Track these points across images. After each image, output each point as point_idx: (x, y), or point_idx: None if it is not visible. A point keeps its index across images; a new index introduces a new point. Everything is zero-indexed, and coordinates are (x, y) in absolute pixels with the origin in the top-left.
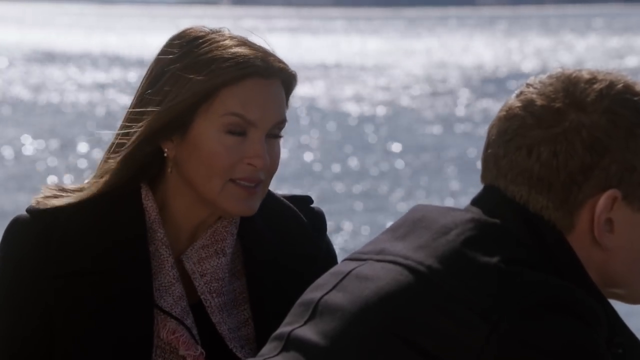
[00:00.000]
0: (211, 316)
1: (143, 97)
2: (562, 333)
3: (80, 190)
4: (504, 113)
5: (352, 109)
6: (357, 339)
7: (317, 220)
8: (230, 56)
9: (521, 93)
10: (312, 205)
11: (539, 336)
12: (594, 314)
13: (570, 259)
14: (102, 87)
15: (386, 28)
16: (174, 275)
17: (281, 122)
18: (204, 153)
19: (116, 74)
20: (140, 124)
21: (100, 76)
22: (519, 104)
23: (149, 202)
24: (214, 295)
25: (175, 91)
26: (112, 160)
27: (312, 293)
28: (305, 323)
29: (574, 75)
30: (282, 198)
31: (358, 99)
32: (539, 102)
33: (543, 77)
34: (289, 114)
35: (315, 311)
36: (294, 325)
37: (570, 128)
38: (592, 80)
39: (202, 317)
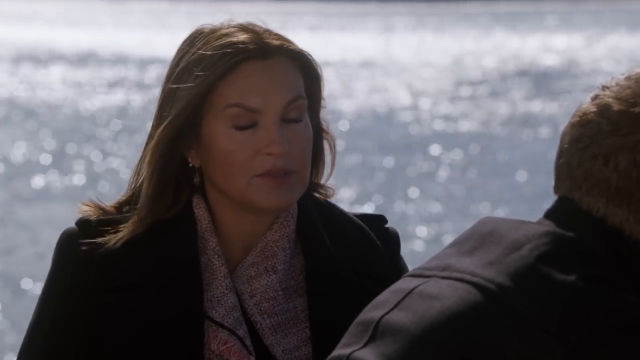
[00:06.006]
0: (263, 338)
1: (159, 106)
2: None
3: (120, 207)
4: (578, 119)
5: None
6: None
7: (390, 240)
8: (219, 48)
9: (596, 97)
10: (386, 226)
11: None
12: None
13: None
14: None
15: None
16: (226, 285)
17: (294, 102)
18: (218, 154)
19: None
20: (157, 132)
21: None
22: (594, 109)
23: (200, 210)
24: (265, 316)
25: (177, 97)
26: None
27: (371, 312)
28: (365, 345)
29: None
30: (352, 216)
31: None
32: (616, 107)
33: (620, 78)
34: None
35: (376, 332)
36: (352, 347)
37: None
38: None
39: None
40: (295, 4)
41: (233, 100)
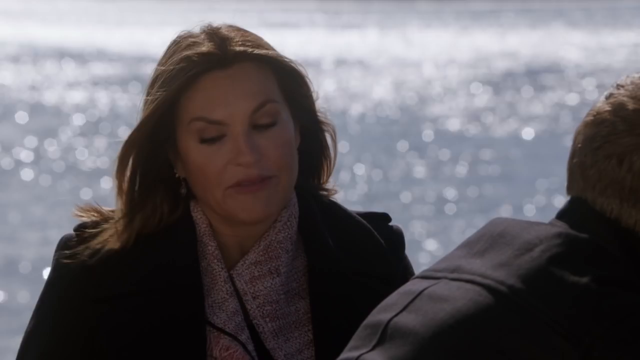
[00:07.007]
0: (265, 342)
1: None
2: None
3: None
4: (592, 118)
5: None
6: None
7: (395, 239)
8: (177, 62)
9: (611, 95)
10: (390, 224)
11: None
12: None
13: None
14: None
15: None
16: (227, 290)
17: (261, 108)
18: (192, 167)
19: None
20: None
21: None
22: (608, 108)
23: (198, 214)
24: (267, 319)
25: (140, 116)
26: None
27: (380, 314)
28: (373, 348)
29: None
30: (355, 215)
31: None
32: (631, 105)
33: (635, 76)
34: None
35: (385, 334)
36: (361, 350)
37: None
38: None
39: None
40: (295, 2)
41: (196, 113)
